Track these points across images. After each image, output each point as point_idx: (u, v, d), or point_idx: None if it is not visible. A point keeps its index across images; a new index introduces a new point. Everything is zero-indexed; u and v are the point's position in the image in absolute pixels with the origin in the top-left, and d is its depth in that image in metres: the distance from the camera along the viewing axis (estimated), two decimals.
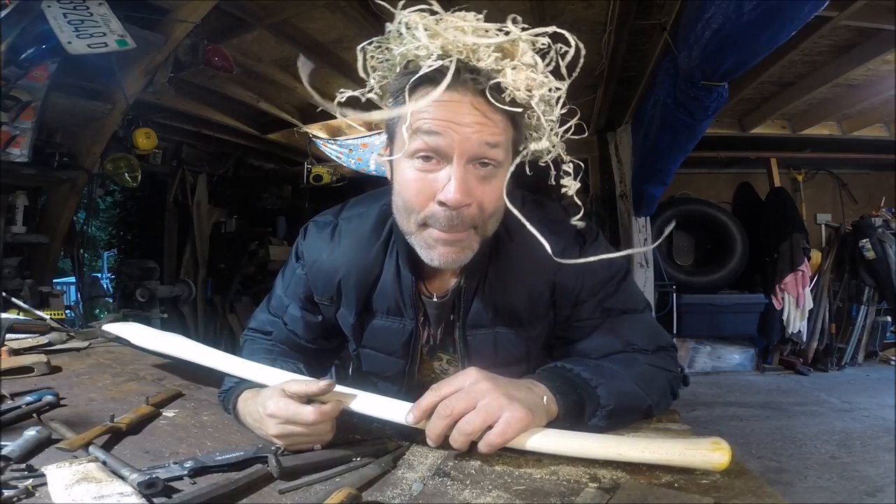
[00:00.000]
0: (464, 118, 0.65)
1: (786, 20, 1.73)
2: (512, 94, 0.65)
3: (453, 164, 0.66)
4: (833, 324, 4.77)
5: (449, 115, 0.65)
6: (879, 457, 2.67)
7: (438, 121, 0.65)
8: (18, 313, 1.52)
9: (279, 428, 0.63)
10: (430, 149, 0.66)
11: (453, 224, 0.68)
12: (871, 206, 4.99)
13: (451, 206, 0.66)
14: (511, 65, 0.66)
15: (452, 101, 0.65)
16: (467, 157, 0.66)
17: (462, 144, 0.65)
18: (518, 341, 0.83)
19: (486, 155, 0.66)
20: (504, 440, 0.59)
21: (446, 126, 0.65)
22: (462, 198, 0.65)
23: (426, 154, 0.67)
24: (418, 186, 0.68)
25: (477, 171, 0.67)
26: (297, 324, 0.90)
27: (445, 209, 0.67)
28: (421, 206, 0.69)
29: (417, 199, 0.69)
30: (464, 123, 0.65)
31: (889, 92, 3.40)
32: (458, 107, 0.65)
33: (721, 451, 0.55)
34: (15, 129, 2.20)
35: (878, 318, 4.76)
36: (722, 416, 3.49)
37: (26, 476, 0.55)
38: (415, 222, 0.70)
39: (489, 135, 0.66)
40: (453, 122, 0.65)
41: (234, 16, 2.59)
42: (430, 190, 0.67)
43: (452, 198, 0.65)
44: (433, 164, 0.67)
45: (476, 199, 0.67)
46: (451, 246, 0.70)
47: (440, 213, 0.67)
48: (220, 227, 4.61)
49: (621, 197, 4.29)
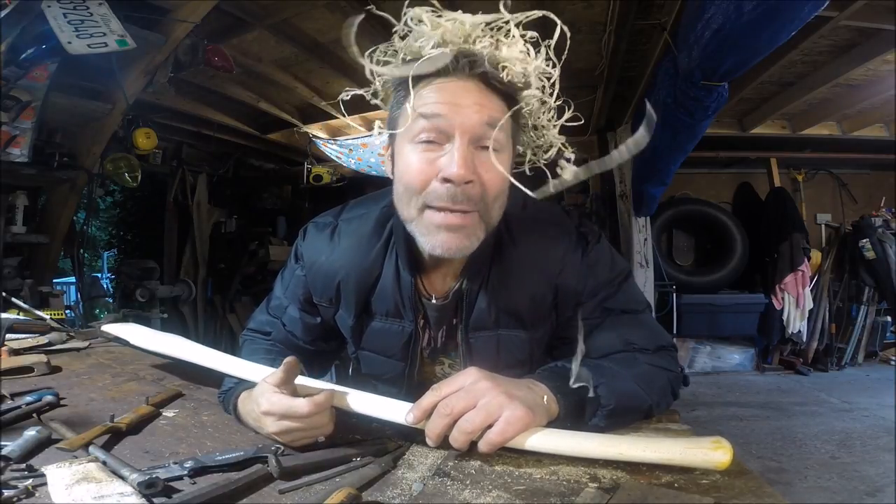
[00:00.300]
0: (464, 100, 0.68)
1: (786, 20, 1.73)
2: (509, 72, 0.68)
3: (455, 142, 0.67)
4: (833, 324, 4.77)
5: (450, 97, 0.68)
6: (879, 457, 2.67)
7: (440, 103, 0.68)
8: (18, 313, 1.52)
9: (277, 425, 0.63)
10: (433, 129, 0.68)
11: (457, 200, 0.67)
12: (871, 206, 4.99)
13: (454, 180, 0.66)
14: (505, 43, 0.69)
15: (453, 85, 0.68)
16: (469, 136, 0.67)
17: (463, 124, 0.67)
18: (521, 344, 0.82)
19: (487, 135, 0.68)
20: (504, 439, 0.58)
21: (448, 107, 0.67)
22: (465, 172, 0.66)
23: (428, 138, 0.68)
24: (420, 167, 0.69)
25: (479, 152, 0.68)
26: (295, 325, 0.90)
27: (449, 186, 0.67)
28: (423, 185, 0.69)
29: (419, 179, 0.69)
30: (464, 104, 0.67)
31: (889, 92, 3.40)
32: (458, 90, 0.68)
33: (722, 450, 0.55)
34: (15, 129, 2.20)
35: (878, 318, 4.76)
36: (722, 416, 3.49)
37: (26, 476, 0.55)
38: (416, 206, 0.70)
39: (489, 114, 0.68)
40: (454, 103, 0.67)
41: (234, 16, 2.59)
42: (432, 169, 0.68)
43: (456, 172, 0.66)
44: (435, 145, 0.68)
45: (478, 177, 0.68)
46: (453, 232, 0.69)
47: (442, 190, 0.67)
48: (220, 227, 4.62)
49: (621, 197, 4.29)
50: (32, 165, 2.36)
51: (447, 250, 0.70)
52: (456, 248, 0.70)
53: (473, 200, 0.68)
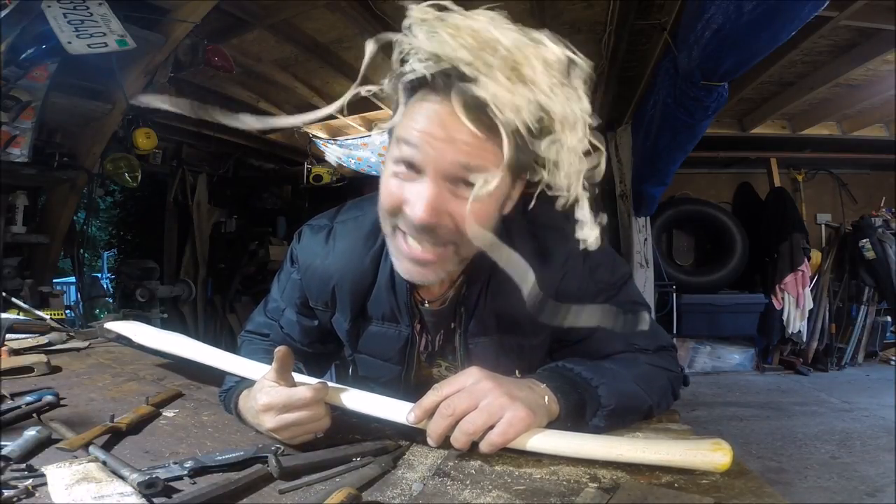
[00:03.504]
0: (443, 132, 0.59)
1: (786, 20, 1.73)
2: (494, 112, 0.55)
3: (426, 179, 0.62)
4: (833, 324, 4.77)
5: (430, 126, 0.60)
6: (879, 457, 2.68)
7: (417, 132, 0.61)
8: (18, 313, 1.52)
9: (276, 420, 0.62)
10: (406, 159, 0.62)
11: (423, 236, 0.64)
12: (871, 206, 4.99)
13: (416, 223, 0.62)
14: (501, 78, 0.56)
15: (439, 111, 0.60)
16: (441, 174, 0.61)
17: (436, 161, 0.60)
18: (520, 350, 0.81)
19: (460, 175, 0.61)
20: (506, 440, 0.58)
21: (424, 139, 0.60)
22: (428, 218, 0.61)
23: (401, 167, 0.64)
24: (393, 192, 0.65)
25: (456, 189, 0.62)
26: (293, 328, 0.90)
27: None
28: (392, 211, 0.66)
29: (389, 203, 0.66)
30: (441, 138, 0.60)
31: (889, 92, 3.40)
32: (443, 117, 0.59)
33: (722, 452, 0.55)
34: (15, 129, 2.20)
35: (878, 318, 4.77)
36: (722, 416, 3.49)
37: (26, 476, 0.55)
38: (389, 225, 0.68)
39: (466, 155, 0.59)
40: (432, 135, 0.60)
41: (234, 16, 2.59)
42: (402, 199, 0.64)
43: (418, 217, 0.61)
44: (412, 173, 0.63)
45: (451, 217, 0.63)
46: (418, 265, 0.67)
47: (410, 221, 0.64)
48: (220, 227, 4.62)
49: (621, 197, 4.29)
50: (32, 165, 2.36)
51: (412, 279, 0.68)
52: (420, 279, 0.68)
53: (443, 238, 0.64)
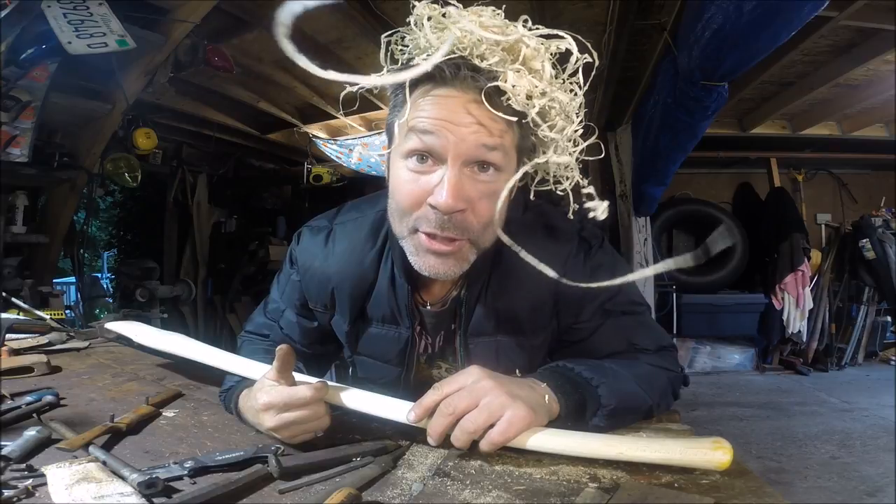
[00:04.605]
0: (461, 118, 0.62)
1: (786, 20, 1.73)
2: (510, 99, 0.61)
3: (447, 165, 0.63)
4: (833, 324, 4.77)
5: (445, 114, 0.62)
6: (879, 457, 2.68)
7: (434, 120, 0.63)
8: (18, 313, 1.52)
9: (276, 419, 0.62)
10: (425, 148, 0.64)
11: (444, 227, 0.65)
12: (871, 206, 5.00)
13: (442, 210, 0.63)
14: (514, 68, 0.62)
15: (450, 99, 0.63)
16: (463, 159, 0.63)
17: (457, 146, 0.62)
18: (520, 350, 0.81)
19: (482, 158, 0.63)
20: (506, 439, 0.58)
21: (442, 125, 0.62)
22: (454, 202, 0.62)
23: (420, 154, 0.65)
24: (410, 188, 0.66)
25: (474, 174, 0.64)
26: (293, 329, 0.90)
27: (437, 212, 0.64)
28: (412, 208, 0.66)
29: (408, 202, 0.66)
30: (460, 123, 0.62)
31: (889, 92, 3.40)
32: (455, 106, 0.62)
33: (723, 451, 0.55)
34: (15, 129, 2.20)
35: (878, 318, 4.77)
36: (722, 416, 3.49)
37: (26, 476, 0.55)
38: (406, 226, 0.68)
39: (487, 137, 0.63)
40: (449, 121, 0.62)
41: (234, 16, 2.58)
42: (422, 192, 0.65)
43: (444, 202, 0.62)
44: (427, 165, 0.65)
45: (471, 204, 0.64)
46: (441, 258, 0.67)
47: (431, 216, 0.65)
48: (220, 227, 4.62)
49: (621, 197, 4.28)
50: (32, 165, 2.36)
51: (435, 274, 0.68)
52: (443, 272, 0.68)
53: (463, 228, 0.65)
